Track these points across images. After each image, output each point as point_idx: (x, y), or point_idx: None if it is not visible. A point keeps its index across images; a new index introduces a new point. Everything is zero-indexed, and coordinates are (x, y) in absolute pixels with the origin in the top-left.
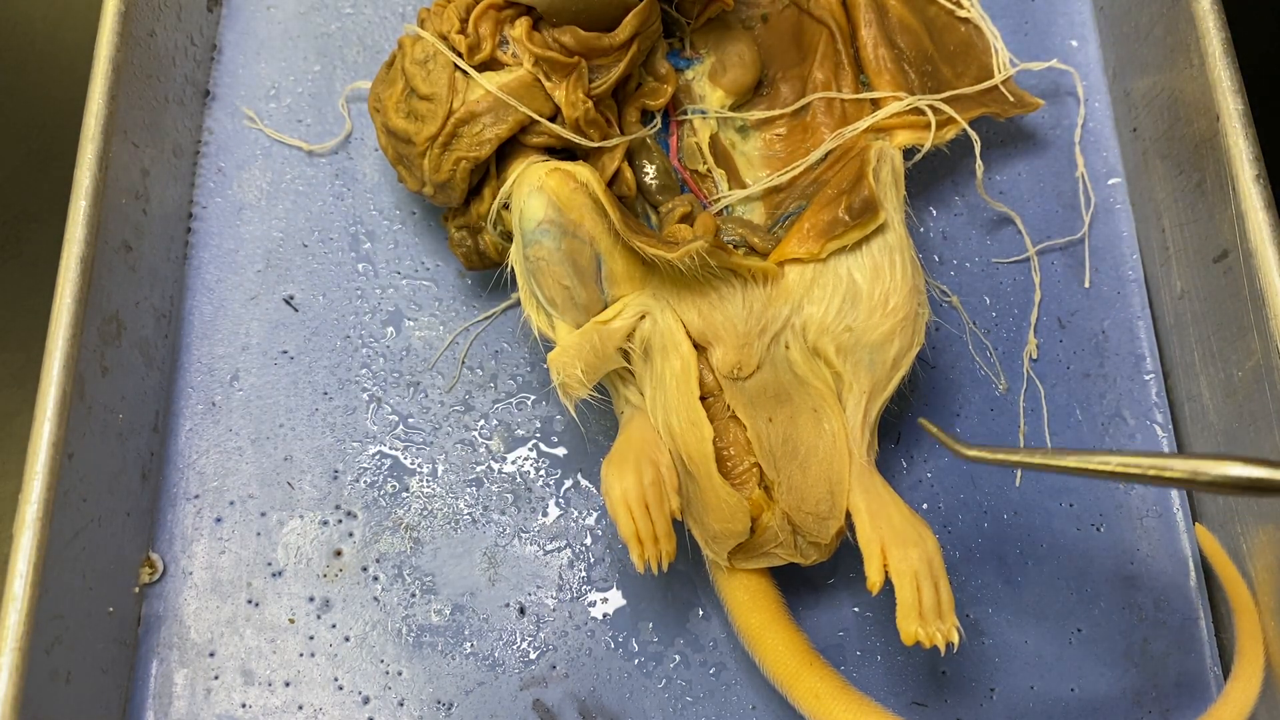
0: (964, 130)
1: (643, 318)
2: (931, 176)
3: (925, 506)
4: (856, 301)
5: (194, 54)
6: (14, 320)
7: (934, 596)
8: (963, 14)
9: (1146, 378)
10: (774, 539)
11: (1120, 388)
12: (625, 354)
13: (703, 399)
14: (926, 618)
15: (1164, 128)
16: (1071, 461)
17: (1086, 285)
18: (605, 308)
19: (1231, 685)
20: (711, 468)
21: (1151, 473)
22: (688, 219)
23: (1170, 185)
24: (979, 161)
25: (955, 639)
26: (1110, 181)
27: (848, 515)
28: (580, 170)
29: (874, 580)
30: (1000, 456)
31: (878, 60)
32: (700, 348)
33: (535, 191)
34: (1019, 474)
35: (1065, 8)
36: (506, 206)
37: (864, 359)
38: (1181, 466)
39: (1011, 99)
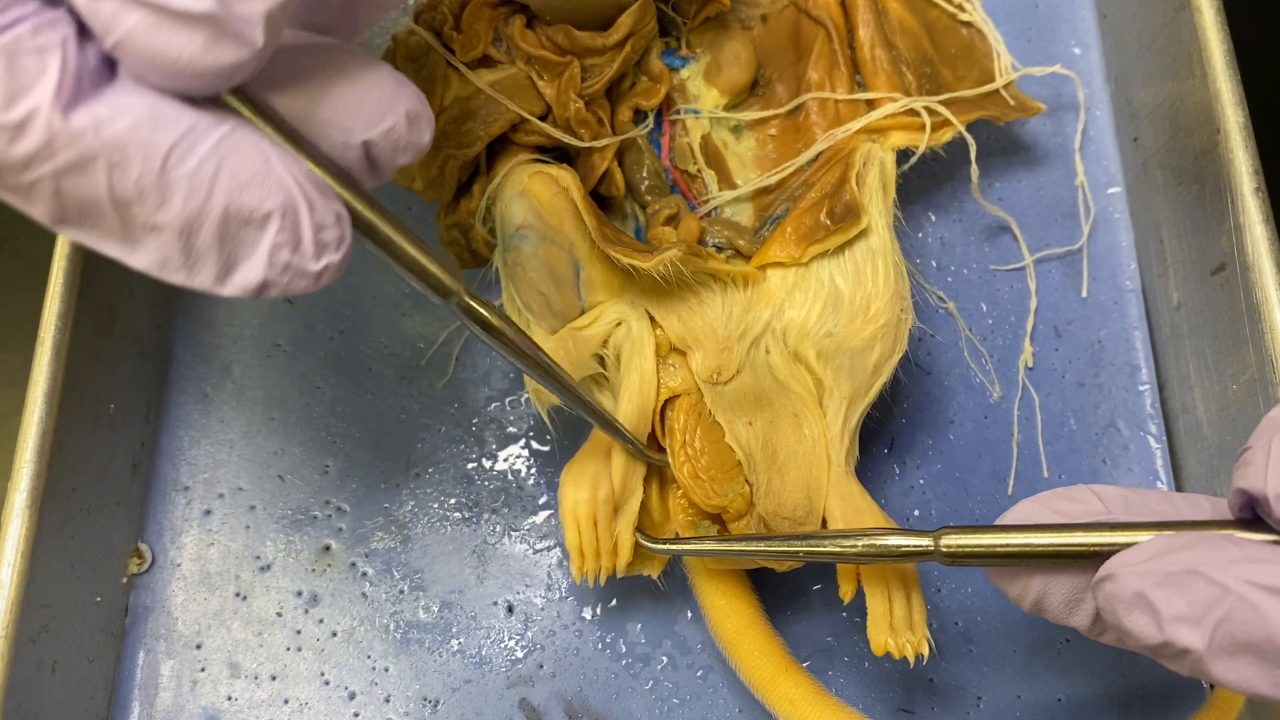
0: (960, 134)
1: (618, 325)
2: (930, 182)
3: (917, 513)
4: (838, 306)
5: None
6: (12, 320)
7: (905, 607)
8: (965, 18)
9: (1142, 389)
10: None
11: (1115, 398)
12: (601, 360)
13: (685, 394)
14: (897, 628)
15: (1165, 138)
16: (741, 545)
17: (1084, 295)
18: (582, 314)
19: (1216, 695)
20: (633, 502)
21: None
22: (673, 221)
23: (1170, 196)
24: (974, 165)
25: (925, 650)
26: (1110, 191)
27: (824, 522)
28: (562, 174)
29: (845, 589)
30: (672, 547)
31: (874, 61)
32: (680, 351)
33: (517, 196)
34: (1011, 481)
35: (1069, 15)
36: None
37: (845, 365)
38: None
39: (1012, 103)
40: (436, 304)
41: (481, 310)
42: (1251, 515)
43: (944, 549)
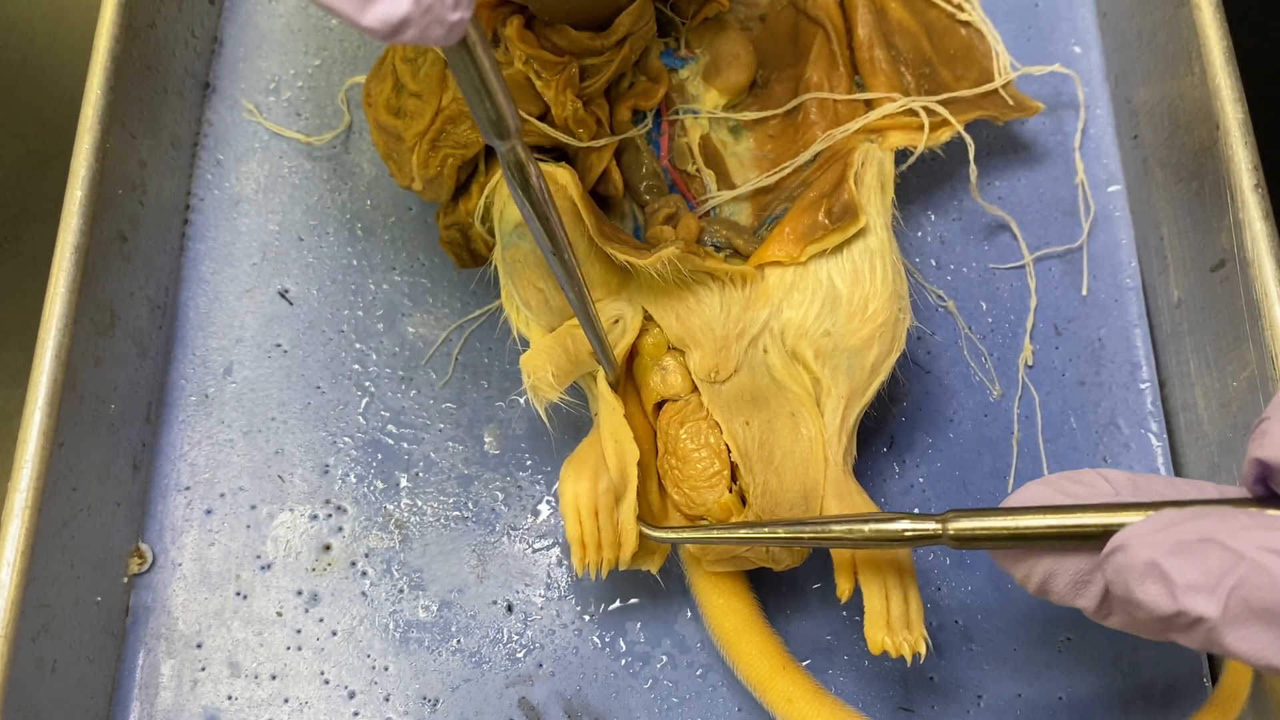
0: (959, 134)
1: (616, 322)
2: (930, 181)
3: (916, 511)
4: (836, 306)
5: (194, 46)
6: (13, 320)
7: (903, 606)
8: (964, 17)
9: (1142, 386)
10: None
11: (1115, 396)
12: None
13: (672, 400)
14: (894, 627)
15: (1164, 135)
16: (744, 533)
17: (1084, 292)
18: None
19: (1217, 693)
20: (630, 491)
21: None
22: (671, 220)
23: (1170, 193)
24: (973, 165)
25: (922, 649)
26: (1110, 189)
27: None
28: (560, 173)
29: (843, 588)
30: (675, 535)
31: (873, 61)
32: (678, 351)
33: None
34: (1011, 479)
35: (1068, 13)
36: None
37: (842, 364)
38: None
39: (1011, 103)
40: (491, 143)
41: (528, 165)
42: (1265, 491)
43: (952, 533)
